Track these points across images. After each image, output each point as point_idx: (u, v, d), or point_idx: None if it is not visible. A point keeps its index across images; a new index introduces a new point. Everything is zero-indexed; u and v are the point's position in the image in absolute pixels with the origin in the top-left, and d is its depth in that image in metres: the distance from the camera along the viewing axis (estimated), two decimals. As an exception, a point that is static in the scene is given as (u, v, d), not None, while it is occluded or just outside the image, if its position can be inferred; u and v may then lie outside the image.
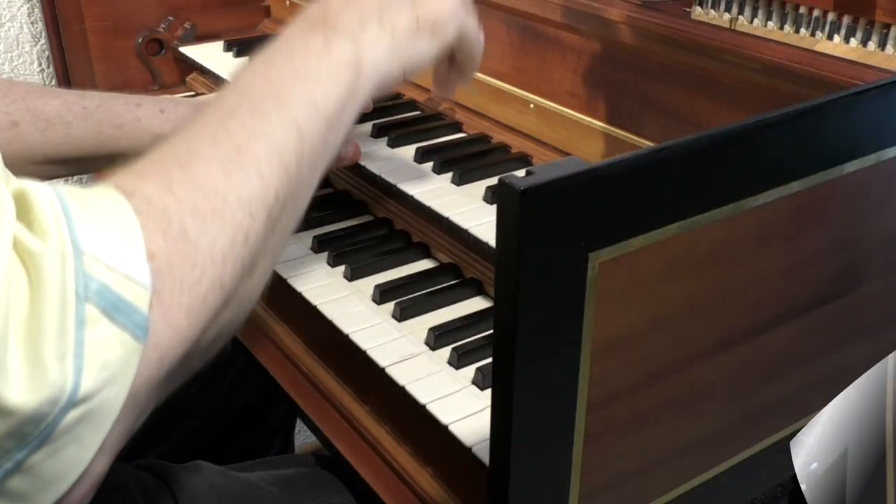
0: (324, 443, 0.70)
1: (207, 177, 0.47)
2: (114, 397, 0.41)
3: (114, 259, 0.41)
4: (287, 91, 0.54)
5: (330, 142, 0.56)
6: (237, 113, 0.51)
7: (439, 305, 0.76)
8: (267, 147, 0.50)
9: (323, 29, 0.58)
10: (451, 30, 0.64)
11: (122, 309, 0.40)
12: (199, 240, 0.44)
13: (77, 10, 1.19)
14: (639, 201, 0.47)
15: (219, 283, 0.45)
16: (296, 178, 0.52)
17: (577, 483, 0.53)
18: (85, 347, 0.39)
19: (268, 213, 0.49)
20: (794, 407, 0.65)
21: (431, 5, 0.63)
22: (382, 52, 0.60)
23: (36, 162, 0.79)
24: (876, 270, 0.64)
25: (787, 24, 0.75)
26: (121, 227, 0.42)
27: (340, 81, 0.56)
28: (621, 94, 0.84)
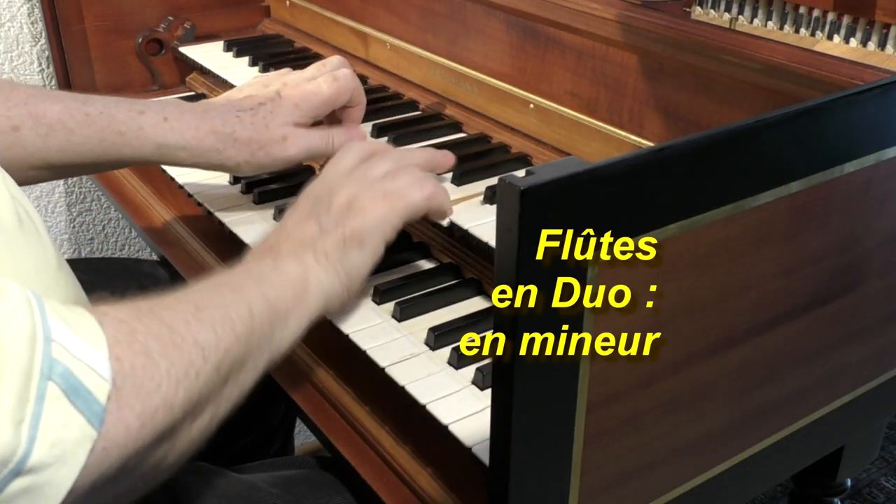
0: (324, 443, 0.70)
1: (171, 319, 0.52)
2: (61, 479, 0.43)
3: (79, 352, 0.44)
4: (242, 284, 0.62)
5: (277, 338, 0.62)
6: (199, 290, 0.59)
7: (439, 305, 0.76)
8: (221, 314, 0.56)
9: (271, 255, 0.68)
10: (378, 236, 0.70)
11: (83, 395, 0.44)
12: (159, 360, 0.49)
13: (77, 10, 1.19)
14: (639, 201, 0.47)
15: (170, 404, 0.49)
16: (244, 349, 0.57)
17: (577, 483, 0.53)
18: (41, 421, 0.42)
19: (217, 364, 0.54)
20: (794, 407, 0.65)
21: (353, 223, 0.70)
22: (322, 274, 0.67)
23: (36, 167, 0.78)
24: (876, 270, 0.64)
25: (787, 24, 0.75)
26: (88, 331, 0.46)
27: (289, 290, 0.64)
28: (621, 94, 0.84)
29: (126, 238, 1.50)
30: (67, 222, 1.43)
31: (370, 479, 0.66)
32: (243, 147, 0.80)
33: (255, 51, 1.21)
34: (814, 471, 0.82)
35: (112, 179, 1.12)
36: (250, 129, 0.80)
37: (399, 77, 1.11)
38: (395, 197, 0.71)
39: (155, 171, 1.03)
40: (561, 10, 0.87)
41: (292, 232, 0.70)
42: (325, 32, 1.24)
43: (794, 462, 0.71)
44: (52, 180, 0.81)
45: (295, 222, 0.71)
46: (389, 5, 1.11)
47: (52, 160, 0.78)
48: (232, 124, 0.80)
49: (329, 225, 0.69)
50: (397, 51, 1.11)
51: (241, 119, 0.81)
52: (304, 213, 0.71)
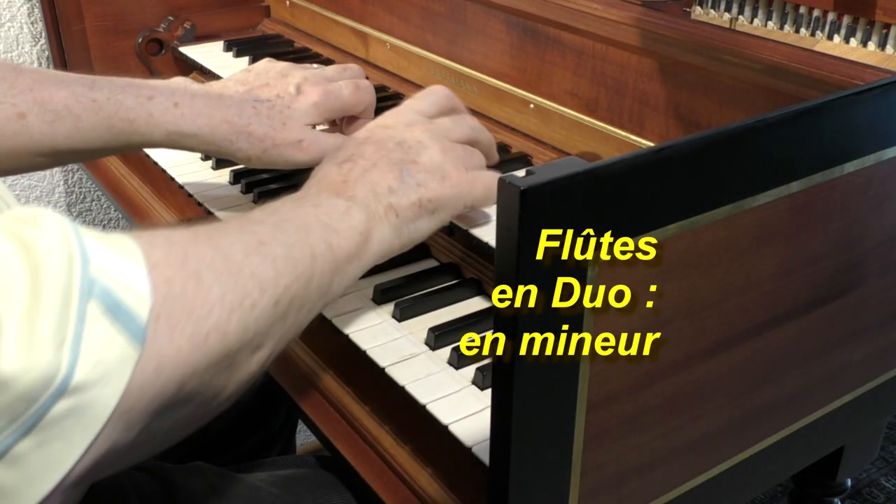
0: (324, 443, 0.70)
1: (229, 248, 0.51)
2: (105, 398, 0.42)
3: (118, 270, 0.44)
4: (309, 226, 0.60)
5: (335, 284, 0.61)
6: (263, 222, 0.58)
7: (439, 305, 0.76)
8: (284, 252, 0.55)
9: (345, 197, 0.65)
10: (450, 209, 0.69)
11: (123, 314, 0.43)
12: (212, 287, 0.48)
13: (77, 10, 1.19)
14: (639, 201, 0.47)
15: (223, 330, 0.48)
16: (304, 290, 0.56)
17: (577, 483, 0.53)
18: (83, 340, 0.41)
19: (276, 299, 0.53)
20: (794, 407, 0.65)
21: (434, 188, 0.68)
22: (387, 231, 0.66)
23: (43, 154, 0.77)
24: (876, 270, 0.64)
25: (787, 24, 0.75)
26: (125, 250, 0.45)
27: (352, 241, 0.62)
28: (621, 94, 0.84)
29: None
30: (67, 222, 1.43)
31: (370, 479, 0.66)
32: (257, 142, 0.78)
33: (255, 51, 1.21)
34: (814, 471, 0.82)
35: (112, 180, 1.12)
36: (266, 125, 0.78)
37: (399, 77, 1.11)
38: (477, 177, 0.70)
39: (155, 172, 1.03)
40: (561, 10, 0.87)
41: (370, 173, 0.67)
42: (325, 32, 1.24)
43: (794, 462, 0.71)
44: (60, 165, 0.80)
45: (374, 161, 0.68)
46: (389, 5, 1.11)
47: (59, 146, 0.76)
48: (248, 116, 0.78)
49: (411, 182, 0.67)
50: (397, 51, 1.11)
51: (258, 111, 0.78)
52: (385, 155, 0.68)
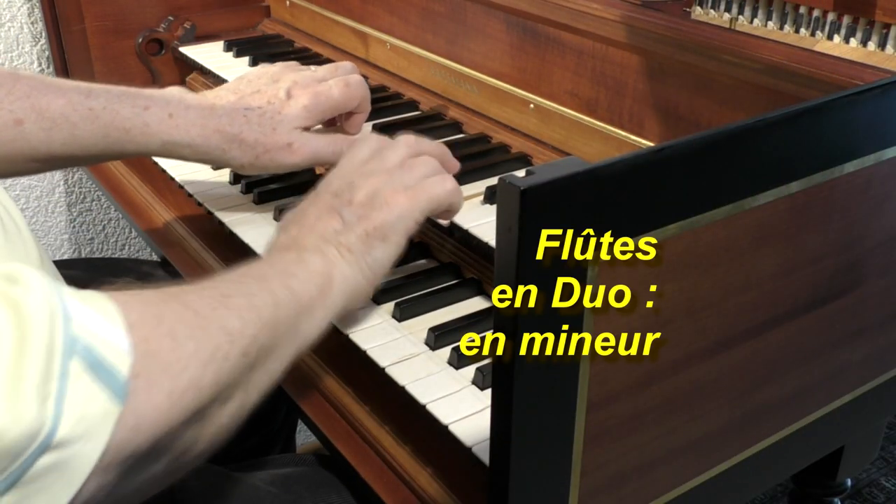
0: (324, 443, 0.70)
1: (196, 304, 0.53)
2: (87, 453, 0.43)
3: (98, 328, 0.45)
4: (267, 276, 0.62)
5: (303, 329, 0.62)
6: (223, 280, 0.59)
7: (439, 305, 0.76)
8: (247, 302, 0.56)
9: (295, 249, 0.67)
10: (400, 230, 0.70)
11: (105, 370, 0.44)
12: (186, 342, 0.49)
13: (77, 10, 1.19)
14: (639, 201, 0.47)
15: (198, 385, 0.49)
16: (271, 337, 0.57)
17: (577, 483, 0.53)
18: (66, 397, 0.42)
19: (244, 350, 0.54)
20: (794, 407, 0.65)
21: (375, 216, 0.69)
22: (346, 269, 0.67)
23: (39, 160, 0.78)
24: (876, 270, 0.64)
25: (787, 24, 0.75)
26: (104, 309, 0.46)
27: (313, 283, 0.63)
28: (621, 94, 0.84)
29: (126, 238, 1.50)
30: (67, 222, 1.43)
31: (370, 479, 0.66)
32: (248, 149, 0.80)
33: (256, 51, 1.21)
34: (814, 471, 0.82)
35: (112, 179, 1.12)
36: (257, 132, 0.79)
37: (399, 77, 1.11)
38: (417, 190, 0.71)
39: (155, 172, 1.03)
40: (561, 10, 0.87)
41: (314, 226, 0.69)
42: (325, 32, 1.24)
43: (794, 462, 0.71)
44: (54, 170, 0.81)
45: (316, 216, 0.70)
46: (389, 5, 1.11)
47: (55, 153, 0.77)
48: (239, 125, 0.79)
49: (352, 219, 0.68)
50: (397, 51, 1.11)
51: (249, 119, 0.80)
52: (324, 207, 0.70)
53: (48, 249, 1.42)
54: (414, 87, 1.08)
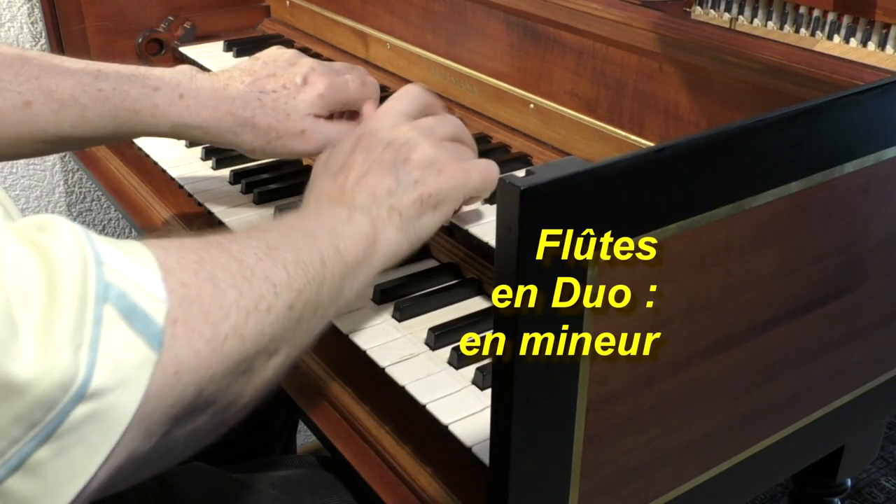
0: (324, 443, 0.70)
1: (240, 253, 0.51)
2: (125, 403, 0.41)
3: (132, 274, 0.43)
4: (315, 232, 0.61)
5: (346, 289, 0.61)
6: (270, 230, 0.58)
7: (439, 305, 0.76)
8: (294, 256, 0.55)
9: (345, 205, 0.65)
10: (451, 202, 0.69)
11: (140, 317, 0.42)
12: (227, 290, 0.48)
13: (77, 10, 1.19)
14: (639, 201, 0.47)
15: (240, 333, 0.48)
16: (316, 295, 0.56)
17: (577, 483, 0.53)
18: (100, 344, 0.40)
19: (290, 303, 0.53)
20: (794, 407, 0.65)
21: (432, 182, 0.68)
22: (392, 232, 0.66)
23: (48, 141, 0.77)
24: (876, 270, 0.64)
25: (787, 24, 0.75)
26: (138, 255, 0.45)
27: (359, 245, 0.63)
28: (621, 94, 0.84)
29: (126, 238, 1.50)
30: (67, 222, 1.43)
31: (370, 479, 0.66)
32: (261, 134, 0.79)
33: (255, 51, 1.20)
34: (814, 471, 0.82)
35: (112, 179, 1.12)
36: (270, 116, 0.78)
37: (399, 77, 1.11)
38: (472, 167, 0.70)
39: (155, 171, 1.03)
40: (561, 10, 0.87)
41: (366, 180, 0.67)
42: (325, 32, 1.24)
43: (794, 462, 0.71)
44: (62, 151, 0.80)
45: (367, 168, 0.68)
46: (389, 5, 1.11)
47: (64, 135, 0.77)
48: (252, 108, 0.78)
49: (408, 181, 0.67)
50: (397, 51, 1.11)
51: (263, 103, 0.78)
52: (377, 161, 0.68)
53: (48, 249, 1.42)
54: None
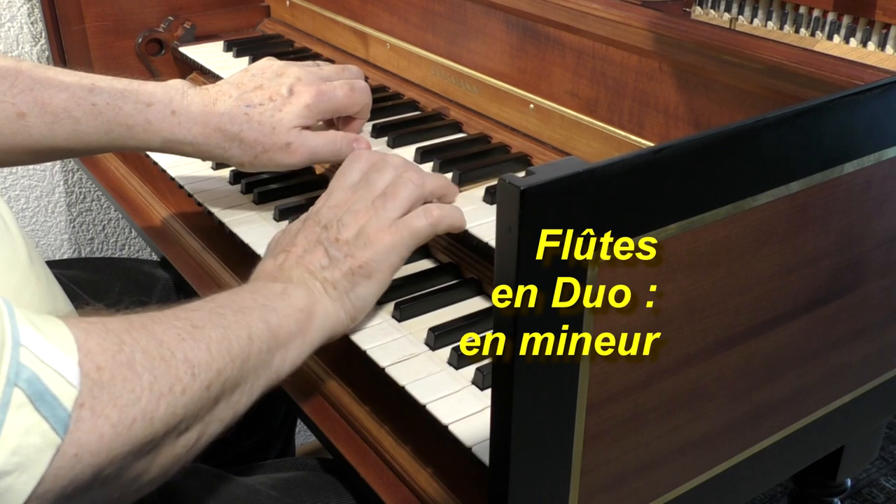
0: (324, 443, 0.70)
1: (163, 334, 0.52)
2: (21, 485, 0.42)
3: (48, 356, 0.44)
4: (246, 308, 0.62)
5: (276, 363, 0.62)
6: (199, 309, 0.59)
7: (439, 305, 0.76)
8: (219, 334, 0.56)
9: (281, 280, 0.68)
10: (387, 267, 0.70)
11: (48, 401, 0.43)
12: (143, 373, 0.49)
13: (77, 10, 1.19)
14: (639, 201, 0.47)
15: (149, 417, 0.49)
16: (239, 371, 0.57)
17: (577, 483, 0.53)
18: (4, 427, 0.42)
19: (208, 383, 0.54)
20: (794, 407, 0.65)
21: (360, 255, 0.69)
22: (329, 304, 0.68)
23: (41, 152, 0.78)
24: (876, 270, 0.64)
25: (787, 24, 0.75)
26: (58, 336, 0.46)
27: (293, 319, 0.64)
28: (621, 94, 0.84)
29: (126, 238, 1.50)
30: (67, 222, 1.43)
31: (370, 479, 0.66)
32: (248, 149, 0.80)
33: (255, 51, 1.21)
34: (814, 471, 0.82)
35: (112, 179, 1.12)
36: (257, 131, 0.80)
37: (399, 77, 1.11)
38: (401, 227, 0.71)
39: (155, 171, 1.03)
40: (561, 10, 0.87)
41: (302, 257, 0.70)
42: (325, 32, 1.24)
43: (794, 462, 0.71)
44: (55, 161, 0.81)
45: (304, 248, 0.71)
46: (389, 5, 1.11)
47: (57, 147, 0.78)
48: (240, 123, 0.80)
49: (338, 256, 0.69)
50: (397, 51, 1.11)
51: (250, 117, 0.80)
52: (313, 239, 0.71)
53: (48, 249, 1.42)
54: (414, 87, 1.08)
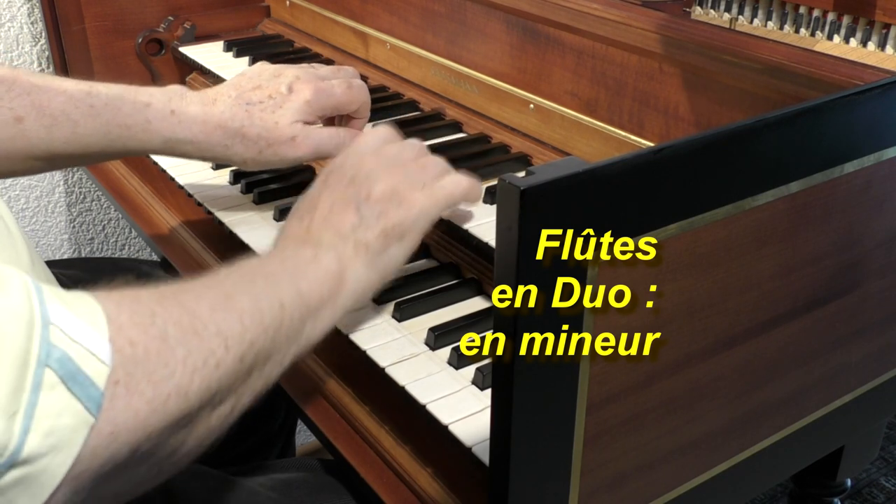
0: (324, 443, 0.70)
1: (195, 305, 0.51)
2: (56, 466, 0.42)
3: (79, 335, 0.43)
4: (276, 275, 0.61)
5: (307, 331, 0.61)
6: (230, 276, 0.58)
7: (439, 305, 0.76)
8: (251, 304, 0.55)
9: (310, 245, 0.65)
10: (417, 231, 0.69)
11: (80, 381, 0.43)
12: (176, 347, 0.48)
13: (77, 10, 1.19)
14: (639, 201, 0.47)
15: (184, 392, 0.48)
16: (271, 341, 0.56)
17: (577, 483, 0.53)
18: (37, 410, 0.41)
19: (241, 355, 0.53)
20: (794, 407, 0.65)
21: (395, 214, 0.68)
22: (360, 268, 0.66)
23: (40, 157, 0.77)
24: (876, 270, 0.64)
25: (787, 24, 0.75)
26: (88, 314, 0.45)
27: (325, 285, 0.63)
28: (621, 94, 0.84)
29: (126, 238, 1.50)
30: (67, 222, 1.43)
31: (370, 479, 0.66)
32: (251, 144, 0.79)
33: (255, 51, 1.21)
34: (814, 471, 0.82)
35: (112, 179, 1.12)
36: (259, 126, 0.79)
37: (399, 77, 1.11)
38: (435, 189, 0.70)
39: (155, 171, 1.03)
40: (561, 10, 0.87)
41: (329, 218, 0.67)
42: (325, 32, 1.24)
43: (794, 462, 0.71)
44: (54, 170, 0.80)
45: (330, 206, 0.68)
46: (389, 5, 1.11)
47: (56, 151, 0.77)
48: (241, 119, 0.79)
49: (370, 216, 0.67)
50: (397, 51, 1.11)
51: (251, 113, 0.79)
52: (340, 197, 0.68)
53: (48, 249, 1.42)
54: (414, 87, 1.08)
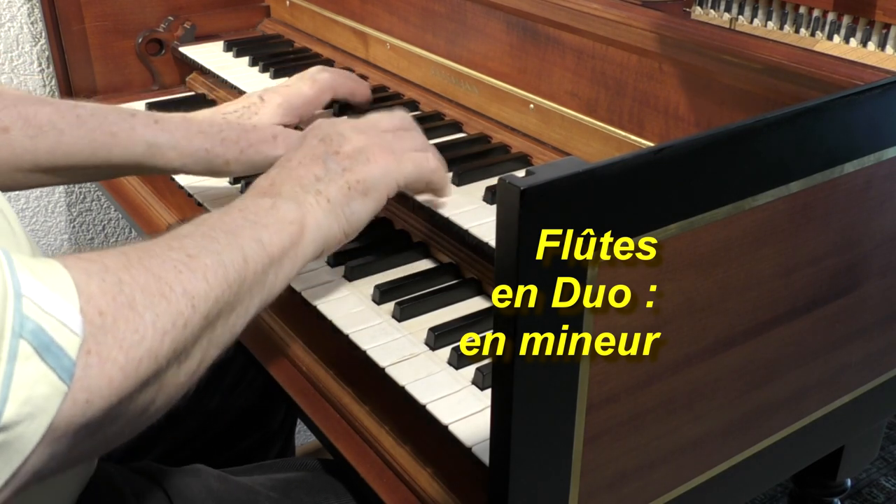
0: (323, 443, 0.70)
1: (160, 269, 0.52)
2: (31, 433, 0.43)
3: (50, 306, 0.44)
4: (237, 228, 0.61)
5: (269, 281, 0.62)
6: (191, 234, 0.58)
7: (439, 305, 0.76)
8: (214, 260, 0.56)
9: (270, 195, 0.67)
10: (382, 188, 0.71)
11: (54, 351, 0.44)
12: (144, 313, 0.49)
13: (77, 10, 1.19)
14: (639, 201, 0.47)
15: (154, 355, 0.49)
16: (235, 295, 0.57)
17: (577, 483, 0.53)
18: (13, 380, 0.42)
19: (206, 312, 0.54)
20: (794, 407, 0.65)
21: (360, 170, 0.70)
22: (322, 217, 0.67)
23: (24, 169, 0.78)
24: (876, 270, 0.64)
25: (787, 24, 0.75)
26: (59, 285, 0.46)
27: (285, 233, 0.63)
28: (621, 94, 0.84)
29: (126, 238, 1.50)
30: (67, 222, 1.43)
31: (370, 479, 0.66)
32: (231, 145, 0.81)
33: (255, 51, 1.21)
34: (814, 471, 0.82)
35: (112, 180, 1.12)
36: (238, 130, 0.82)
37: (399, 77, 1.11)
38: (404, 155, 0.72)
39: (155, 171, 1.03)
40: (561, 10, 0.87)
41: (295, 171, 0.69)
42: (325, 32, 1.24)
43: (794, 462, 0.71)
44: (37, 186, 0.81)
45: (299, 161, 0.70)
46: (389, 5, 1.11)
47: (42, 162, 0.78)
48: (219, 125, 0.82)
49: (335, 169, 0.69)
50: (397, 51, 1.11)
51: (227, 120, 0.84)
52: (309, 153, 0.71)
53: (48, 249, 1.42)
54: (414, 87, 1.08)
